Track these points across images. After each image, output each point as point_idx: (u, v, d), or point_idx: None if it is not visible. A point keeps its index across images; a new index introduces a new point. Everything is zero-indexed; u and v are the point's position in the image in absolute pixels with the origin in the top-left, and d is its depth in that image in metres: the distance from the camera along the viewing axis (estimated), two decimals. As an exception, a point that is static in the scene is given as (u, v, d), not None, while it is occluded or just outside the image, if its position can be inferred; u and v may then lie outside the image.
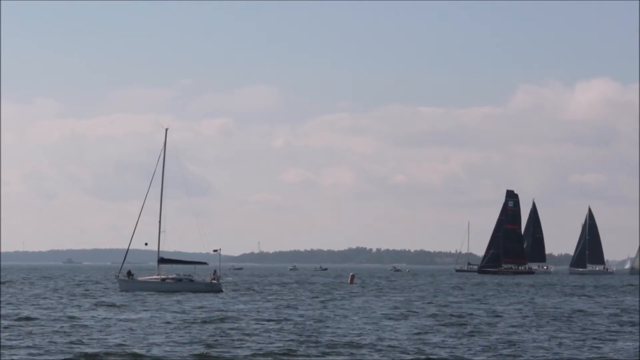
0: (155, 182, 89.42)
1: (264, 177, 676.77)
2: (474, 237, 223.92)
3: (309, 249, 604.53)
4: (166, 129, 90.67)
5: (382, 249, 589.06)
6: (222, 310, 59.82)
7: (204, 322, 50.37)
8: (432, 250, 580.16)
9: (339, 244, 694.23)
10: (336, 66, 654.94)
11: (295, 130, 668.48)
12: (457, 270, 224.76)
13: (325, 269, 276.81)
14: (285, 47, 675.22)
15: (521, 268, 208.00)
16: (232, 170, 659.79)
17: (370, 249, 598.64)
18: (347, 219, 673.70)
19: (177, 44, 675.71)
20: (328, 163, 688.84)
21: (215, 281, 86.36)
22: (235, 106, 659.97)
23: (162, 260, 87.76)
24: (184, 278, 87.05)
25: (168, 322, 49.92)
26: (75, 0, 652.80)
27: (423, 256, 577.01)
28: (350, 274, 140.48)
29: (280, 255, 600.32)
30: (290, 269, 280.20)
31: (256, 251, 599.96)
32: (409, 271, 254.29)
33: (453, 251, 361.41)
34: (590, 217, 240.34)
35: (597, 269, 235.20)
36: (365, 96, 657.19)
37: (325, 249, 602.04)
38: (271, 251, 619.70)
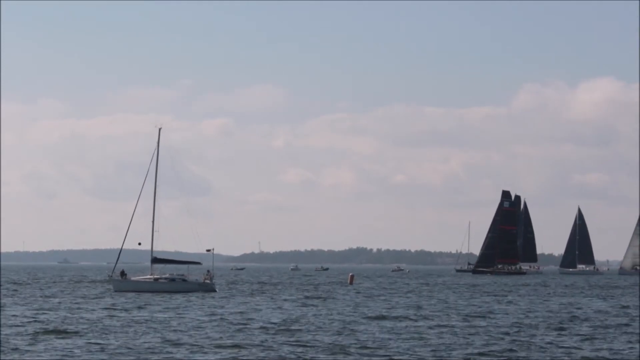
0: (159, 181, 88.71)
1: (264, 177, 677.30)
2: (475, 237, 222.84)
3: (309, 249, 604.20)
4: (159, 129, 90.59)
5: (382, 249, 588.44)
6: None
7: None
8: (432, 250, 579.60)
9: (339, 244, 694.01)
10: (336, 66, 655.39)
11: (295, 130, 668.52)
12: (458, 271, 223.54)
13: (327, 269, 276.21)
14: (285, 47, 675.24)
15: (512, 268, 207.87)
16: (232, 170, 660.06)
17: (371, 249, 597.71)
18: (347, 219, 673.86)
19: (177, 44, 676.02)
20: (328, 163, 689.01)
21: (208, 281, 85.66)
22: (235, 106, 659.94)
23: (155, 260, 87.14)
24: (177, 278, 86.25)
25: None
26: (76, 0, 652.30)
27: (423, 256, 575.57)
28: (350, 274, 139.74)
29: (280, 256, 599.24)
30: (292, 269, 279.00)
31: (256, 251, 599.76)
32: (408, 271, 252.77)
33: (453, 251, 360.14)
34: (580, 217, 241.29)
35: (588, 268, 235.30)
36: (366, 96, 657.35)
37: (325, 249, 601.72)
38: (271, 251, 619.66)
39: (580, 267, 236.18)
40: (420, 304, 70.08)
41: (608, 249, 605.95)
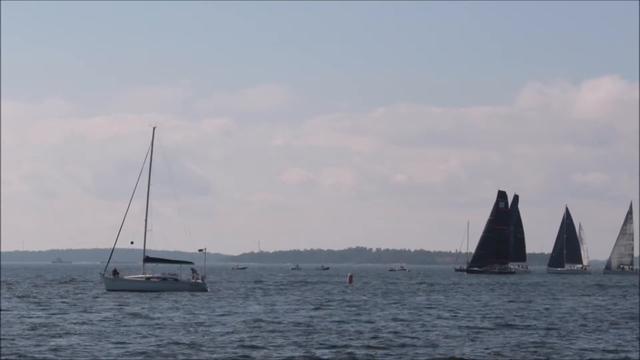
0: (154, 180, 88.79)
1: (264, 177, 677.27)
2: (474, 237, 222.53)
3: (309, 248, 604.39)
4: (154, 128, 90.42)
5: (382, 249, 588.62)
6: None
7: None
8: (432, 250, 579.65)
9: (339, 244, 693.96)
10: (337, 66, 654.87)
11: (295, 130, 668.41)
12: (457, 270, 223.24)
13: (327, 269, 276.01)
14: (286, 47, 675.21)
15: (501, 267, 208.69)
16: (233, 170, 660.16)
17: (370, 249, 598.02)
18: (347, 219, 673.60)
19: (178, 44, 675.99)
20: (328, 163, 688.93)
21: (200, 280, 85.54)
22: (235, 106, 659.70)
23: (147, 259, 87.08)
24: (168, 277, 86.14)
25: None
26: (76, 0, 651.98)
27: (423, 256, 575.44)
28: (349, 274, 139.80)
29: (280, 255, 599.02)
30: (293, 269, 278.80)
31: (256, 251, 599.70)
32: (408, 271, 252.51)
33: (453, 251, 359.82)
34: (568, 216, 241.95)
35: (576, 268, 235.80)
36: (366, 96, 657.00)
37: (325, 248, 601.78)
38: (271, 251, 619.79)
39: (568, 266, 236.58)
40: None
41: (608, 248, 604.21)
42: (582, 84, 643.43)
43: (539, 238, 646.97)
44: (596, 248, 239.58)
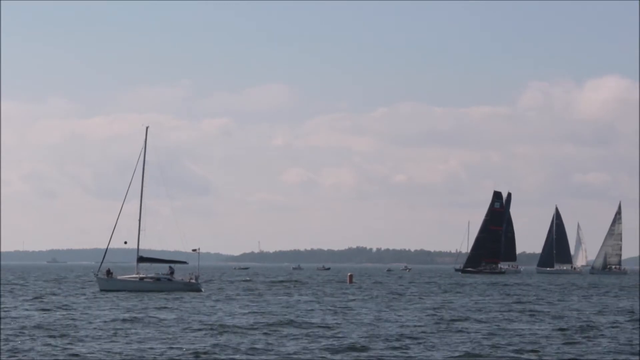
0: (151, 180, 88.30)
1: (264, 177, 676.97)
2: (474, 237, 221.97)
3: (309, 248, 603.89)
4: (146, 127, 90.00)
5: (382, 249, 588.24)
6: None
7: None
8: (432, 250, 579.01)
9: (339, 244, 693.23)
10: (337, 66, 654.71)
11: (296, 130, 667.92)
12: (456, 270, 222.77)
13: (328, 269, 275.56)
14: (286, 47, 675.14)
15: (493, 267, 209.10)
16: (233, 170, 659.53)
17: (370, 249, 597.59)
18: (347, 219, 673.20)
19: (179, 44, 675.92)
20: (328, 163, 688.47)
21: (193, 280, 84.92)
22: (236, 106, 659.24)
23: (141, 259, 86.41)
24: (162, 277, 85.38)
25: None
26: (77, 0, 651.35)
27: (423, 256, 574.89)
28: (349, 274, 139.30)
29: (280, 255, 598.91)
30: (294, 268, 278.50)
31: (256, 251, 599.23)
32: (409, 271, 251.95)
33: (453, 251, 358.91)
34: (558, 216, 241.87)
35: (565, 268, 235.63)
36: (366, 96, 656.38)
37: (325, 248, 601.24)
38: (271, 251, 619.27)
39: (557, 266, 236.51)
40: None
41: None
42: (583, 83, 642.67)
43: (539, 238, 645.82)
44: (596, 249, 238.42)
